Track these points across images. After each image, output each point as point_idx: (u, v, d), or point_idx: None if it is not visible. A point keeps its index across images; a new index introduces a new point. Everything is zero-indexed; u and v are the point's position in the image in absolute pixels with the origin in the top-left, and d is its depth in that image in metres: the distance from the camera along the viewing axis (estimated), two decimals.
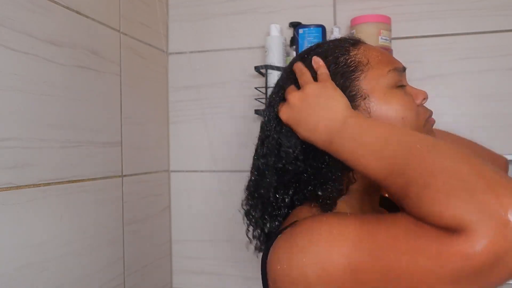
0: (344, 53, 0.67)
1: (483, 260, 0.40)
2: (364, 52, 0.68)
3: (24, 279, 0.77)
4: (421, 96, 0.68)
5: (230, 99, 1.32)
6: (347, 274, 0.48)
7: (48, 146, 0.84)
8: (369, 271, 0.47)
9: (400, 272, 0.44)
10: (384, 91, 0.65)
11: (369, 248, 0.47)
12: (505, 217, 0.40)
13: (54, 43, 0.87)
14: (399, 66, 0.68)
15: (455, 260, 0.41)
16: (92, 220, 0.97)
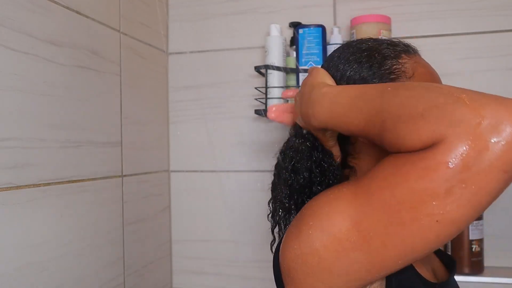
0: (394, 57, 0.65)
1: (466, 160, 0.41)
2: (414, 64, 0.65)
3: (24, 279, 0.77)
4: None
5: (230, 99, 1.32)
6: (351, 230, 0.48)
7: (48, 146, 0.84)
8: (370, 216, 0.46)
9: (397, 204, 0.44)
10: None
11: (364, 197, 0.47)
12: (476, 118, 0.42)
13: (54, 43, 0.87)
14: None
15: (442, 170, 0.42)
16: (92, 220, 0.97)
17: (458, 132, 0.42)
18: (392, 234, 0.45)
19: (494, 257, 1.15)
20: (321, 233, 0.50)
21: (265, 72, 1.16)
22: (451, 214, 0.42)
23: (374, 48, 0.66)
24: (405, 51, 0.67)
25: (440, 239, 0.44)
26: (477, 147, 0.41)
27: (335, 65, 0.67)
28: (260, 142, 1.30)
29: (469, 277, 1.08)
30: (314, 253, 0.50)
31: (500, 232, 1.15)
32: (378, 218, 0.46)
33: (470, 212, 0.43)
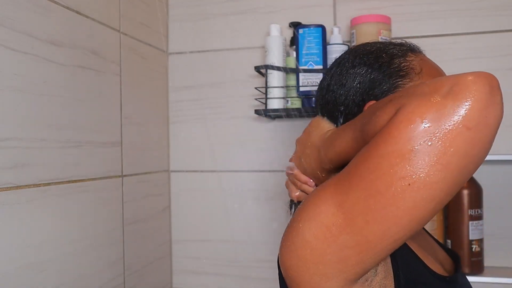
0: (401, 56, 0.66)
1: (426, 117, 0.42)
2: (421, 61, 0.66)
3: (24, 279, 0.77)
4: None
5: (230, 99, 1.32)
6: (336, 214, 0.48)
7: (48, 146, 0.84)
8: (350, 195, 0.47)
9: (371, 174, 0.45)
10: None
11: (345, 179, 0.48)
12: (435, 89, 0.44)
13: (54, 43, 0.87)
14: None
15: (403, 130, 0.43)
16: (92, 220, 0.97)
17: (417, 99, 0.44)
18: (372, 208, 0.45)
19: (494, 257, 1.15)
20: (310, 223, 0.50)
21: (265, 72, 1.16)
22: (421, 176, 0.42)
23: (381, 49, 0.68)
24: (411, 49, 0.68)
25: (419, 206, 0.43)
26: (436, 106, 0.42)
27: (338, 76, 0.69)
28: (260, 142, 1.30)
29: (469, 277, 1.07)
30: (305, 245, 0.50)
31: (500, 232, 1.15)
32: (357, 195, 0.46)
33: (442, 174, 0.42)
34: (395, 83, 0.64)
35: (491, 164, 1.15)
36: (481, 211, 1.10)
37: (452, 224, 1.11)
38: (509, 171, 1.15)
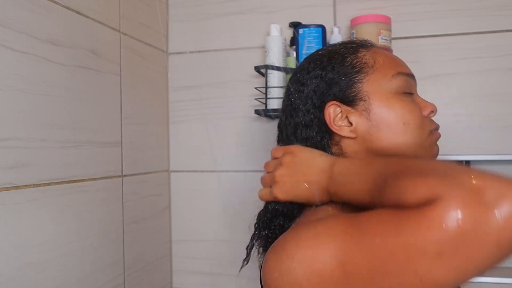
0: (352, 53, 0.68)
1: (462, 226, 0.40)
2: (373, 54, 0.68)
3: (24, 279, 0.77)
4: (429, 107, 0.68)
5: (230, 99, 1.32)
6: (336, 270, 0.47)
7: (48, 146, 0.84)
8: (357, 260, 0.46)
9: (386, 253, 0.44)
10: (386, 95, 0.65)
11: (355, 239, 0.47)
12: (478, 186, 0.41)
13: (54, 43, 0.87)
14: (405, 71, 0.67)
15: (435, 230, 0.41)
16: (92, 220, 0.97)
17: (457, 195, 0.41)
18: (375, 282, 0.45)
19: None
20: (305, 267, 0.49)
21: (265, 72, 1.16)
22: (435, 276, 0.42)
23: (332, 51, 0.70)
24: (361, 45, 0.70)
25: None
26: (476, 215, 0.40)
27: (296, 84, 0.70)
28: (260, 142, 1.30)
29: None
30: (296, 284, 0.50)
31: None
32: (364, 263, 0.45)
33: (454, 278, 0.42)
34: (351, 80, 0.66)
35: (491, 164, 1.15)
36: None
37: None
38: (509, 171, 1.15)
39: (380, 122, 0.64)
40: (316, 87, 0.67)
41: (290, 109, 0.70)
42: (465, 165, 1.12)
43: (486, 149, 1.15)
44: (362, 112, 0.65)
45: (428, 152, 0.66)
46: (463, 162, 1.12)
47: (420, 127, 0.65)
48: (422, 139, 0.65)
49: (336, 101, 0.66)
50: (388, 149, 0.65)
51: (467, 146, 1.16)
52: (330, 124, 0.66)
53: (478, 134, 1.16)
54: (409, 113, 0.65)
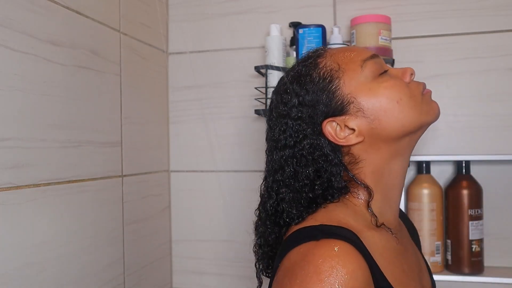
0: (314, 66, 0.68)
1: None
2: (331, 58, 0.68)
3: (24, 279, 0.77)
4: (408, 72, 0.68)
5: (230, 99, 1.32)
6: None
7: (48, 146, 0.84)
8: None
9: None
10: (367, 86, 0.65)
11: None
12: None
13: (54, 43, 0.87)
14: (367, 56, 0.67)
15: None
16: (92, 220, 0.97)
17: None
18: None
19: (494, 257, 1.15)
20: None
21: (265, 72, 1.16)
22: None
23: (295, 75, 0.69)
24: (317, 56, 0.70)
25: None
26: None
27: (278, 117, 0.69)
28: (260, 142, 1.29)
29: (469, 277, 1.08)
30: None
31: (500, 232, 1.15)
32: None
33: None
34: (330, 91, 0.66)
35: (491, 164, 1.15)
36: (481, 211, 1.10)
37: (452, 224, 1.11)
38: (509, 171, 1.15)
39: (376, 112, 0.64)
40: (302, 116, 0.66)
41: (282, 146, 0.68)
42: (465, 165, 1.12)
43: (486, 149, 1.15)
44: (357, 113, 0.65)
45: (429, 113, 0.67)
46: (463, 162, 1.12)
47: (411, 96, 0.66)
48: (419, 106, 0.66)
49: (328, 117, 0.66)
50: (396, 133, 0.65)
51: (467, 146, 1.16)
52: (335, 141, 0.65)
53: (478, 134, 1.16)
54: (395, 89, 0.65)
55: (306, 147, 0.66)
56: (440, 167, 1.18)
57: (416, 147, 1.16)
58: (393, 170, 0.68)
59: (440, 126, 1.18)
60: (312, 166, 0.66)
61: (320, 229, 0.59)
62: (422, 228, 1.11)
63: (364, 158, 0.66)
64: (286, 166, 0.68)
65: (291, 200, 0.67)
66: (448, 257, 1.11)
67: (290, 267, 0.57)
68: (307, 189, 0.66)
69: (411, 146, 0.69)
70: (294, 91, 0.68)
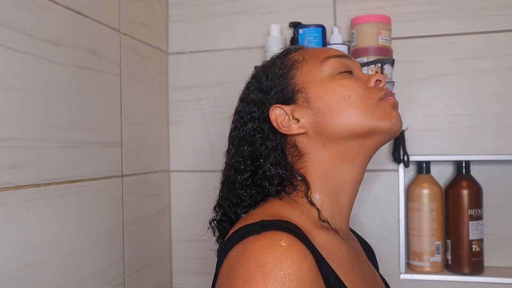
0: (283, 57, 0.70)
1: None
2: (302, 52, 0.69)
3: (24, 279, 0.77)
4: (374, 78, 0.66)
5: (230, 99, 1.32)
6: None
7: (48, 146, 0.84)
8: None
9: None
10: (320, 80, 0.65)
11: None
12: None
13: (54, 43, 0.87)
14: (334, 54, 0.67)
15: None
16: (92, 220, 0.97)
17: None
18: None
19: (494, 257, 1.15)
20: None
21: None
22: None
23: (265, 64, 0.72)
24: (291, 50, 0.72)
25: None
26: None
27: (239, 101, 0.73)
28: None
29: (469, 277, 1.08)
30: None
31: (500, 232, 1.15)
32: None
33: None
34: (285, 79, 0.67)
35: (491, 164, 1.15)
36: (481, 211, 1.10)
37: (452, 224, 1.11)
38: (509, 171, 1.15)
39: (321, 106, 0.64)
40: (255, 99, 0.69)
41: (233, 128, 0.72)
42: (465, 165, 1.12)
43: (486, 149, 1.15)
44: (303, 104, 0.65)
45: (384, 119, 0.63)
46: (463, 162, 1.12)
47: (364, 96, 0.63)
48: (371, 108, 0.63)
49: (277, 103, 0.66)
50: (339, 132, 0.63)
51: (467, 146, 1.16)
52: (278, 127, 0.66)
53: (478, 134, 1.16)
54: (347, 87, 0.64)
55: (249, 128, 0.68)
56: (440, 167, 1.18)
57: (416, 147, 1.17)
58: (342, 174, 0.65)
59: (440, 126, 1.18)
60: (251, 147, 0.67)
61: (260, 224, 0.56)
62: (422, 228, 1.11)
63: (308, 152, 0.65)
64: (232, 145, 0.70)
65: (232, 184, 0.68)
66: (448, 257, 1.11)
67: (230, 266, 0.53)
68: (246, 170, 0.66)
69: (362, 154, 0.65)
70: (257, 77, 0.70)
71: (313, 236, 0.59)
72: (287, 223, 0.56)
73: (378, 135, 0.64)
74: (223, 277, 0.54)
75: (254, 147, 0.67)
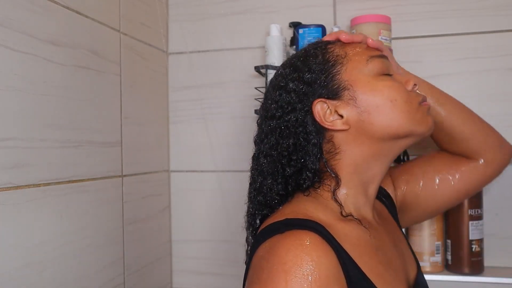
0: (322, 50, 0.69)
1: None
2: (341, 46, 0.69)
3: (24, 279, 0.77)
4: (411, 82, 0.69)
5: (230, 99, 1.32)
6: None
7: (48, 146, 0.84)
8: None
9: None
10: (367, 79, 0.66)
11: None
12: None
13: (54, 43, 0.87)
14: (377, 54, 0.69)
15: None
16: (92, 220, 0.97)
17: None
18: None
19: (494, 257, 1.15)
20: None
21: (265, 72, 1.16)
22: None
23: (303, 54, 0.70)
24: (328, 42, 0.71)
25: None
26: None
27: (275, 89, 0.70)
28: None
29: (469, 277, 1.08)
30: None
31: (500, 232, 1.15)
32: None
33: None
34: (330, 73, 0.66)
35: None
36: (481, 211, 1.10)
37: (452, 224, 1.11)
38: (509, 171, 1.15)
39: (368, 106, 0.65)
40: (295, 89, 0.67)
41: (271, 116, 0.69)
42: None
43: None
44: (349, 101, 0.66)
45: (422, 124, 0.67)
46: None
47: (407, 101, 0.66)
48: (413, 112, 0.66)
49: (321, 98, 0.66)
50: (381, 132, 0.65)
51: None
52: (321, 122, 0.66)
53: None
54: (393, 90, 0.66)
55: (292, 119, 0.67)
56: None
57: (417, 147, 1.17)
58: (371, 170, 0.69)
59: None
60: (292, 139, 0.66)
61: (284, 223, 0.60)
62: (422, 228, 1.10)
63: (344, 149, 0.67)
64: (270, 135, 0.69)
65: (269, 175, 0.68)
66: (448, 257, 1.11)
67: (257, 262, 0.58)
68: (284, 161, 0.67)
69: (394, 152, 0.69)
70: (296, 67, 0.69)
71: (336, 229, 0.62)
72: (309, 221, 0.60)
73: (413, 137, 0.68)
74: (252, 272, 0.59)
75: (296, 139, 0.67)
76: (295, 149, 0.66)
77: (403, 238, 0.80)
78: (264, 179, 0.69)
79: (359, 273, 0.59)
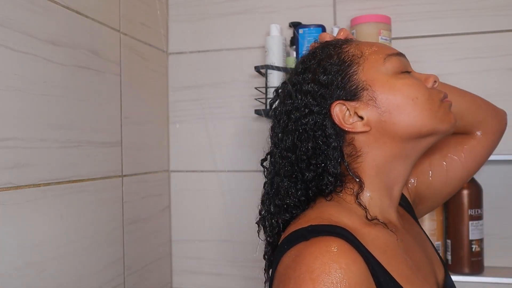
0: (337, 49, 0.67)
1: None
2: (357, 46, 0.67)
3: (24, 279, 0.77)
4: (432, 79, 0.66)
5: (230, 99, 1.32)
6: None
7: (48, 146, 0.84)
8: None
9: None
10: (386, 78, 0.64)
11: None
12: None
13: (54, 43, 0.87)
14: (394, 52, 0.67)
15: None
16: (92, 220, 0.97)
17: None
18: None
19: (494, 257, 1.15)
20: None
21: (265, 72, 1.16)
22: None
23: (317, 55, 0.68)
24: (343, 42, 0.69)
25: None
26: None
27: (291, 92, 0.69)
28: (260, 142, 1.29)
29: (469, 277, 1.08)
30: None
31: (500, 232, 1.15)
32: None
33: None
34: (347, 74, 0.64)
35: (491, 164, 1.15)
36: (481, 211, 1.10)
37: (452, 224, 1.11)
38: (509, 171, 1.15)
39: (389, 105, 0.63)
40: (311, 91, 0.65)
41: (291, 118, 0.67)
42: None
43: None
44: (369, 102, 0.63)
45: (445, 121, 0.65)
46: None
47: (429, 98, 0.64)
48: (435, 110, 0.64)
49: (339, 100, 0.64)
50: (404, 132, 0.63)
51: None
52: (341, 125, 0.64)
53: None
54: (414, 88, 0.64)
55: (310, 122, 0.64)
56: None
57: None
58: (395, 170, 0.66)
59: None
60: (311, 143, 0.64)
61: (309, 230, 0.57)
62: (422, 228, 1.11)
63: (365, 152, 0.64)
64: (287, 137, 0.67)
65: (286, 177, 0.66)
66: (448, 257, 1.11)
67: (283, 271, 0.56)
68: (303, 165, 0.65)
69: (417, 152, 0.67)
70: (312, 68, 0.67)
71: (362, 234, 0.59)
72: (336, 227, 0.58)
73: (436, 135, 0.66)
74: (277, 281, 0.57)
75: (315, 143, 0.64)
76: (314, 153, 0.64)
77: (427, 239, 0.78)
78: (281, 181, 0.67)
79: (389, 279, 0.57)
